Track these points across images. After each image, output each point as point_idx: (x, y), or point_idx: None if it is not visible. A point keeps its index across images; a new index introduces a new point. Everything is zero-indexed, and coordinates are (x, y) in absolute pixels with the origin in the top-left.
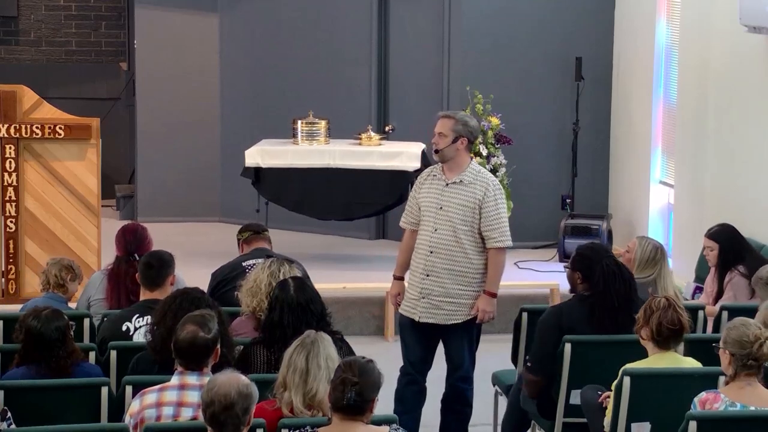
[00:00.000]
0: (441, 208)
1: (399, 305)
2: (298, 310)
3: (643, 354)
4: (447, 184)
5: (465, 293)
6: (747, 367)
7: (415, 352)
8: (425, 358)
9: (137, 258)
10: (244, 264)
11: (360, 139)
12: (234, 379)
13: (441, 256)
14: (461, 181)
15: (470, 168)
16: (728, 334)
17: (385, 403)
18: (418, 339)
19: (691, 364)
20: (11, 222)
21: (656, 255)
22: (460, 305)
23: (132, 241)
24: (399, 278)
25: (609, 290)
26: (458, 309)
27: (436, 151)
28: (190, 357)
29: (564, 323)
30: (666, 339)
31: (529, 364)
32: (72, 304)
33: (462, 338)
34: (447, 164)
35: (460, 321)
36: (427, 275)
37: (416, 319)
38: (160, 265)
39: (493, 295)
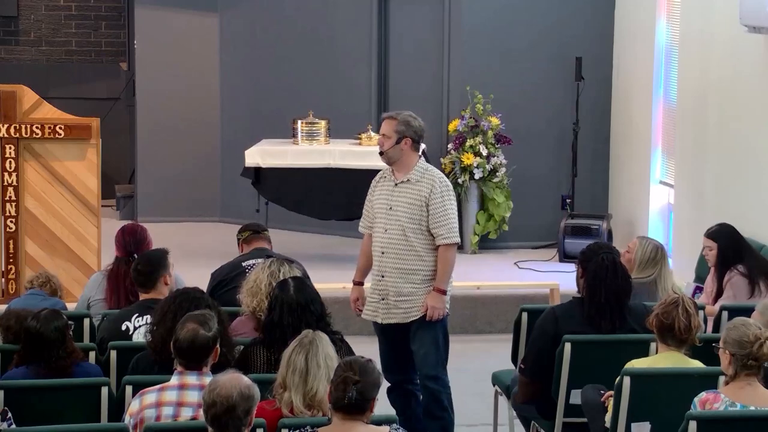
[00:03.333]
0: (391, 208)
1: (359, 311)
2: (298, 310)
3: (643, 353)
4: (396, 184)
5: (419, 291)
6: (747, 367)
7: (386, 354)
8: (398, 360)
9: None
10: (243, 264)
11: (360, 139)
12: (236, 381)
13: (391, 256)
14: (408, 180)
15: (418, 166)
16: (728, 334)
17: (384, 404)
18: (387, 341)
19: (696, 366)
20: (11, 222)
21: (657, 255)
22: (415, 303)
23: (131, 241)
24: (358, 283)
25: (598, 285)
26: (414, 306)
27: (381, 153)
28: (190, 355)
29: (560, 330)
30: (660, 331)
31: (522, 365)
32: (69, 305)
33: (424, 336)
34: (395, 165)
35: (419, 316)
36: (382, 276)
37: (379, 321)
38: (149, 270)
39: (442, 292)
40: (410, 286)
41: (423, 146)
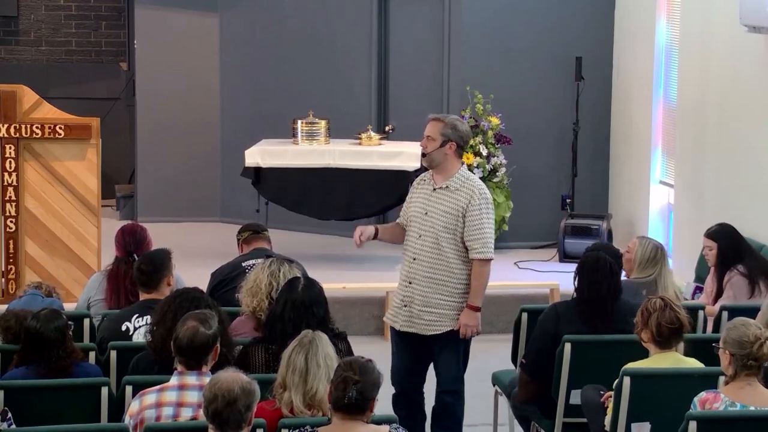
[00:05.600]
0: (426, 213)
1: (359, 243)
2: (301, 308)
3: (643, 353)
4: (434, 189)
5: (446, 303)
6: (747, 368)
7: (399, 362)
8: (411, 369)
9: (136, 258)
10: (243, 264)
11: (360, 139)
12: (237, 376)
13: (423, 263)
14: (447, 186)
15: (459, 174)
16: (728, 334)
17: (384, 403)
18: (404, 348)
19: (693, 364)
20: (11, 222)
21: (656, 254)
22: (440, 315)
23: (131, 241)
24: (377, 230)
25: (581, 282)
26: (438, 319)
27: (424, 155)
28: (190, 353)
29: (560, 328)
30: (667, 339)
31: (523, 360)
32: (69, 305)
33: (447, 350)
34: (436, 169)
35: (440, 332)
36: (410, 283)
37: (397, 327)
38: (153, 270)
39: (477, 309)
40: (438, 297)
41: None
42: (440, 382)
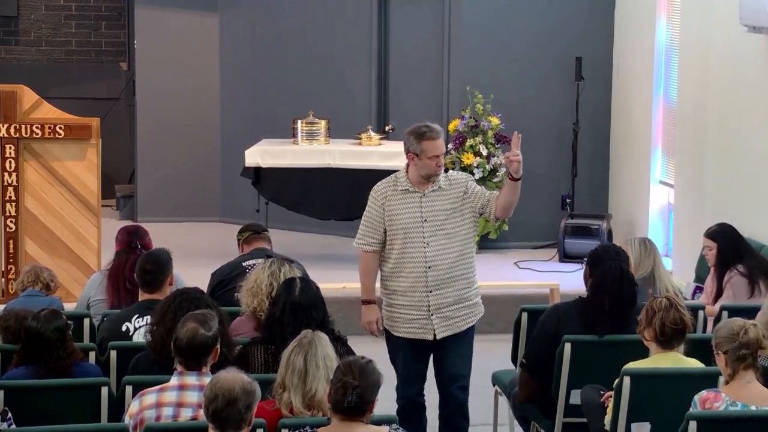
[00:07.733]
0: (425, 220)
1: (376, 332)
2: (299, 311)
3: (643, 353)
4: (424, 195)
5: (470, 293)
6: (742, 359)
7: (412, 369)
8: (421, 374)
9: (139, 245)
10: (244, 264)
11: (360, 139)
12: (238, 376)
13: (440, 268)
14: (440, 187)
15: (441, 174)
16: (717, 334)
17: (383, 404)
18: (415, 357)
19: (693, 364)
20: (11, 222)
21: (646, 246)
22: (470, 306)
23: (133, 233)
24: (371, 302)
25: (602, 292)
26: (471, 310)
27: (446, 170)
28: (189, 354)
29: (561, 329)
30: (670, 339)
31: (524, 360)
32: (68, 305)
33: (465, 345)
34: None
35: (475, 321)
36: (431, 291)
37: (431, 337)
38: (157, 270)
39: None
40: (464, 292)
41: None
42: (455, 378)
